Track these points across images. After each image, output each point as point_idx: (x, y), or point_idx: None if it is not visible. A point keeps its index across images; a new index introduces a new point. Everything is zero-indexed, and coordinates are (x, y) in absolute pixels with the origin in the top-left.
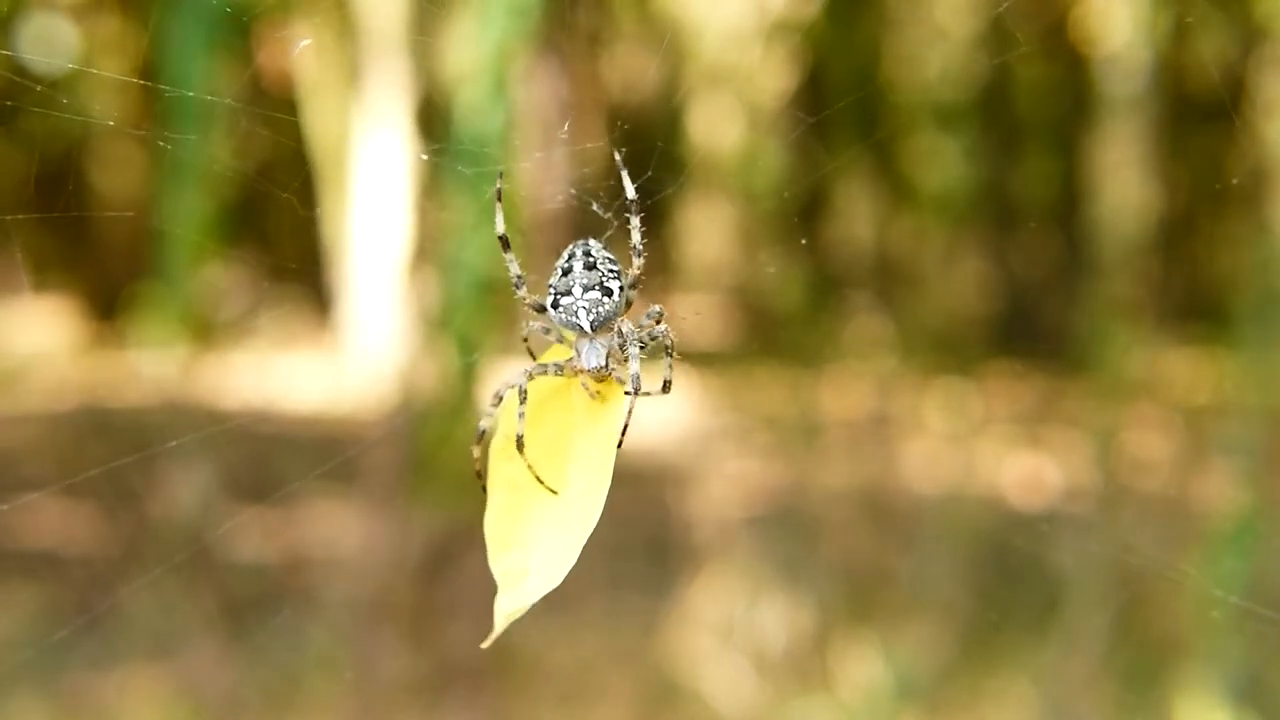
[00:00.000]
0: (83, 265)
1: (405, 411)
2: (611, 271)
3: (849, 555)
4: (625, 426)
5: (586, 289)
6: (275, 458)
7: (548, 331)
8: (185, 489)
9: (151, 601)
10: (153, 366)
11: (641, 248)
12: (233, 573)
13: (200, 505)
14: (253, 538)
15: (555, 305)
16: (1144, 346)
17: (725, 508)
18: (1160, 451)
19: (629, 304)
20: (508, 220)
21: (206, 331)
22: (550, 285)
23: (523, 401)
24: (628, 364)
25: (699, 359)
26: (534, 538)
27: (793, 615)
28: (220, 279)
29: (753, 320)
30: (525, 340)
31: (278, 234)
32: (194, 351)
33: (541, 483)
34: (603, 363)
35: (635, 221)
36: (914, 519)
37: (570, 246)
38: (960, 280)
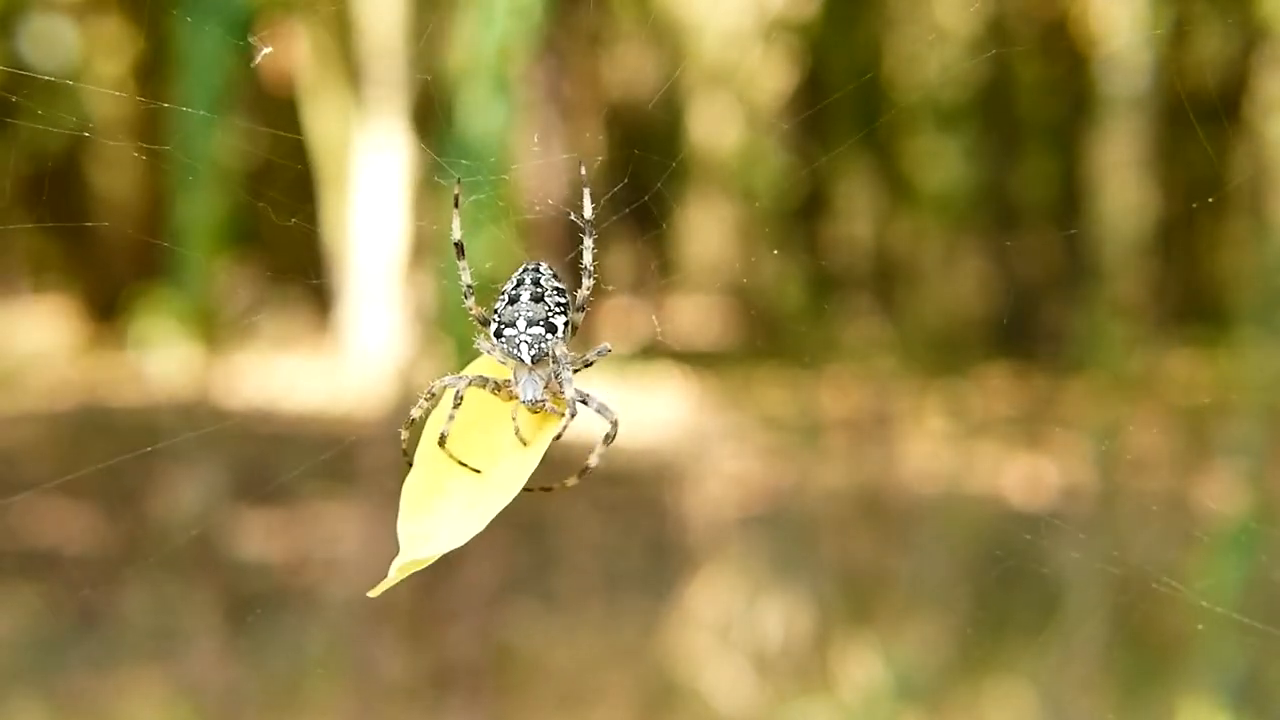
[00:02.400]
0: (83, 265)
1: (404, 411)
2: (559, 305)
3: (848, 555)
4: (559, 435)
5: (531, 323)
6: (276, 458)
7: (491, 350)
8: (186, 488)
9: (151, 601)
10: (158, 366)
11: (593, 268)
12: (233, 572)
13: (201, 504)
14: (253, 537)
15: (499, 334)
16: (1144, 346)
17: (724, 507)
18: (1160, 451)
19: (575, 328)
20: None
21: (212, 331)
22: (496, 311)
23: (456, 406)
24: (563, 391)
25: (698, 359)
26: (446, 505)
27: (792, 615)
28: (224, 279)
29: (753, 320)
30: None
31: (277, 234)
32: (200, 352)
33: (465, 465)
34: (539, 396)
35: (588, 243)
36: (913, 519)
37: (519, 271)
38: (960, 280)
